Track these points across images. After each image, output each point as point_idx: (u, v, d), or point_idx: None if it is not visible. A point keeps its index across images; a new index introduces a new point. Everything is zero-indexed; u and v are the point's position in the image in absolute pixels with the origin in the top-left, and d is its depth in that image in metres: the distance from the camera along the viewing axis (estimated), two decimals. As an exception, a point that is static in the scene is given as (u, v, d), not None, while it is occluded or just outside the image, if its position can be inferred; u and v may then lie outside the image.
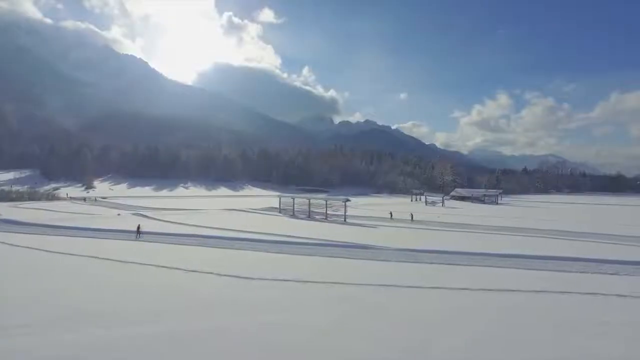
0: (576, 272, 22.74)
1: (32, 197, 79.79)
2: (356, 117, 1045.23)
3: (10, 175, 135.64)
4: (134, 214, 49.40)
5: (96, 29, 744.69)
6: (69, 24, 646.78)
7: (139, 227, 33.09)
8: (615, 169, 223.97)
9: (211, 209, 61.78)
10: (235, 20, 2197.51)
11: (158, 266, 21.06)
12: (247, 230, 36.16)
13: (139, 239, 31.32)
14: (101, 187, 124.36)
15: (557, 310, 15.14)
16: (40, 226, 36.87)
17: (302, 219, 52.04)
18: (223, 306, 14.43)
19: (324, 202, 54.31)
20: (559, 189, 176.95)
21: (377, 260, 24.86)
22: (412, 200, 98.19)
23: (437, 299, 16.34)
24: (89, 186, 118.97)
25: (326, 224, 46.21)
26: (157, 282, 17.81)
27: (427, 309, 14.76)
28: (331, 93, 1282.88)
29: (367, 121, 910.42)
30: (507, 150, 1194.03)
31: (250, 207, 63.81)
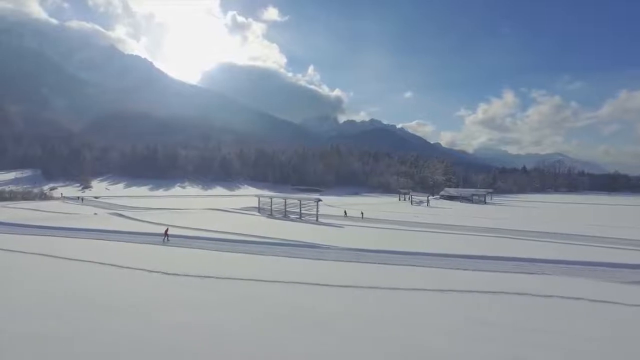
0: (504, 272, 23.69)
1: (26, 197, 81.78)
2: (361, 117, 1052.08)
3: (12, 175, 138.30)
4: (110, 214, 51.16)
5: (101, 29, 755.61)
6: (74, 24, 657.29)
7: (166, 231, 32.35)
8: (623, 168, 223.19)
9: (194, 208, 63.36)
10: (240, 19, 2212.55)
11: (94, 262, 22.35)
12: (212, 229, 37.46)
13: (166, 243, 30.69)
14: (98, 187, 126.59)
15: (449, 309, 16.17)
16: (7, 225, 38.63)
17: (278, 218, 53.33)
18: (134, 304, 15.52)
19: (299, 202, 55.44)
20: (556, 188, 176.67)
21: (315, 259, 26.07)
22: (399, 200, 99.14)
23: (343, 297, 17.31)
24: (86, 186, 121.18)
25: (296, 224, 47.46)
26: (81, 279, 19.11)
27: (327, 306, 15.70)
28: (336, 92, 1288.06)
29: (371, 120, 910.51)
30: (513, 149, 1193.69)
31: (233, 207, 65.11)
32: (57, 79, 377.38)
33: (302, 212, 53.57)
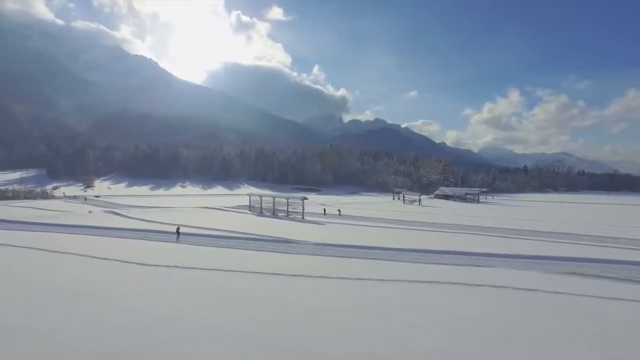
0: (454, 264, 25.46)
1: (29, 196, 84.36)
2: (366, 116, 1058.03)
3: (17, 174, 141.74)
4: (105, 212, 53.43)
5: (106, 29, 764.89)
6: (80, 24, 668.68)
7: (178, 229, 34.12)
8: (630, 167, 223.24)
9: (188, 207, 65.44)
10: (244, 18, 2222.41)
11: (77, 254, 24.50)
12: (197, 226, 39.52)
13: (179, 241, 32.05)
14: (101, 186, 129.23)
15: (385, 295, 18.05)
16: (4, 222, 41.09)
17: (267, 216, 55.27)
18: (99, 289, 17.58)
19: (286, 200, 57.37)
20: (555, 188, 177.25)
21: (283, 253, 28.02)
22: (393, 199, 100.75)
23: (287, 285, 19.13)
24: (89, 185, 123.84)
25: (282, 221, 49.33)
26: (60, 268, 21.21)
27: (267, 293, 17.64)
28: (341, 92, 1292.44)
29: (376, 120, 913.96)
30: (518, 149, 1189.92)
31: (227, 206, 67.15)
32: (63, 79, 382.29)
33: (289, 210, 55.47)
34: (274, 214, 56.65)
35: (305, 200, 54.57)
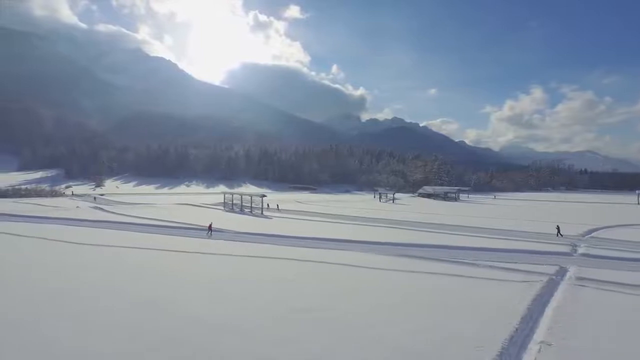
0: (332, 249, 31.86)
1: (39, 194, 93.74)
2: (385, 114, 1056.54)
3: (38, 174, 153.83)
4: (92, 207, 61.90)
5: (127, 32, 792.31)
6: (102, 27, 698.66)
7: (210, 226, 37.94)
8: None
9: (170, 203, 73.02)
10: (262, 17, 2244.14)
11: (46, 239, 32.15)
12: (159, 218, 47.15)
13: (210, 237, 35.82)
14: (110, 186, 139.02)
15: (261, 270, 24.88)
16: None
17: (236, 212, 62.53)
18: (51, 262, 25.01)
19: (250, 198, 64.60)
20: (554, 187, 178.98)
21: (202, 238, 35.11)
22: (374, 197, 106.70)
23: (180, 260, 26.12)
24: (99, 185, 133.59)
25: (240, 215, 56.55)
26: (26, 247, 28.91)
27: (177, 266, 24.62)
28: (360, 91, 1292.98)
29: (394, 119, 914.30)
30: (540, 147, 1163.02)
31: (207, 203, 74.70)
32: (86, 82, 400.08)
33: (252, 206, 62.62)
34: (241, 209, 63.88)
35: (261, 198, 61.83)
